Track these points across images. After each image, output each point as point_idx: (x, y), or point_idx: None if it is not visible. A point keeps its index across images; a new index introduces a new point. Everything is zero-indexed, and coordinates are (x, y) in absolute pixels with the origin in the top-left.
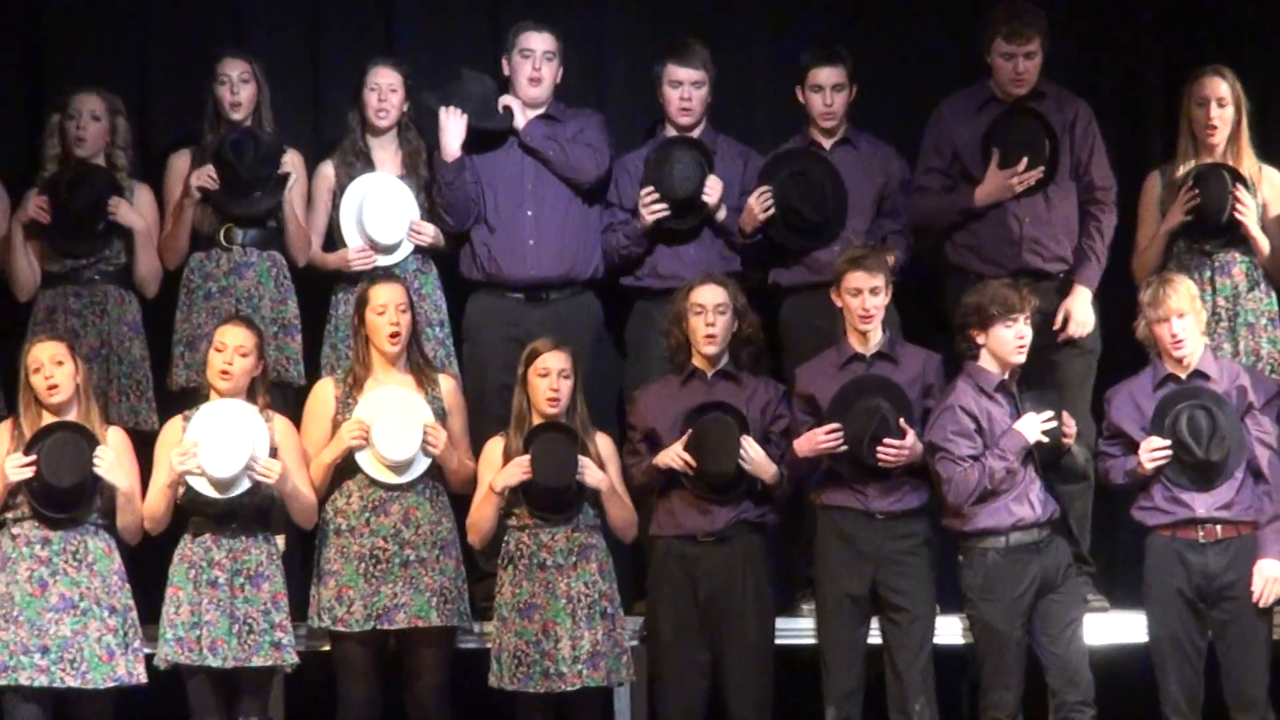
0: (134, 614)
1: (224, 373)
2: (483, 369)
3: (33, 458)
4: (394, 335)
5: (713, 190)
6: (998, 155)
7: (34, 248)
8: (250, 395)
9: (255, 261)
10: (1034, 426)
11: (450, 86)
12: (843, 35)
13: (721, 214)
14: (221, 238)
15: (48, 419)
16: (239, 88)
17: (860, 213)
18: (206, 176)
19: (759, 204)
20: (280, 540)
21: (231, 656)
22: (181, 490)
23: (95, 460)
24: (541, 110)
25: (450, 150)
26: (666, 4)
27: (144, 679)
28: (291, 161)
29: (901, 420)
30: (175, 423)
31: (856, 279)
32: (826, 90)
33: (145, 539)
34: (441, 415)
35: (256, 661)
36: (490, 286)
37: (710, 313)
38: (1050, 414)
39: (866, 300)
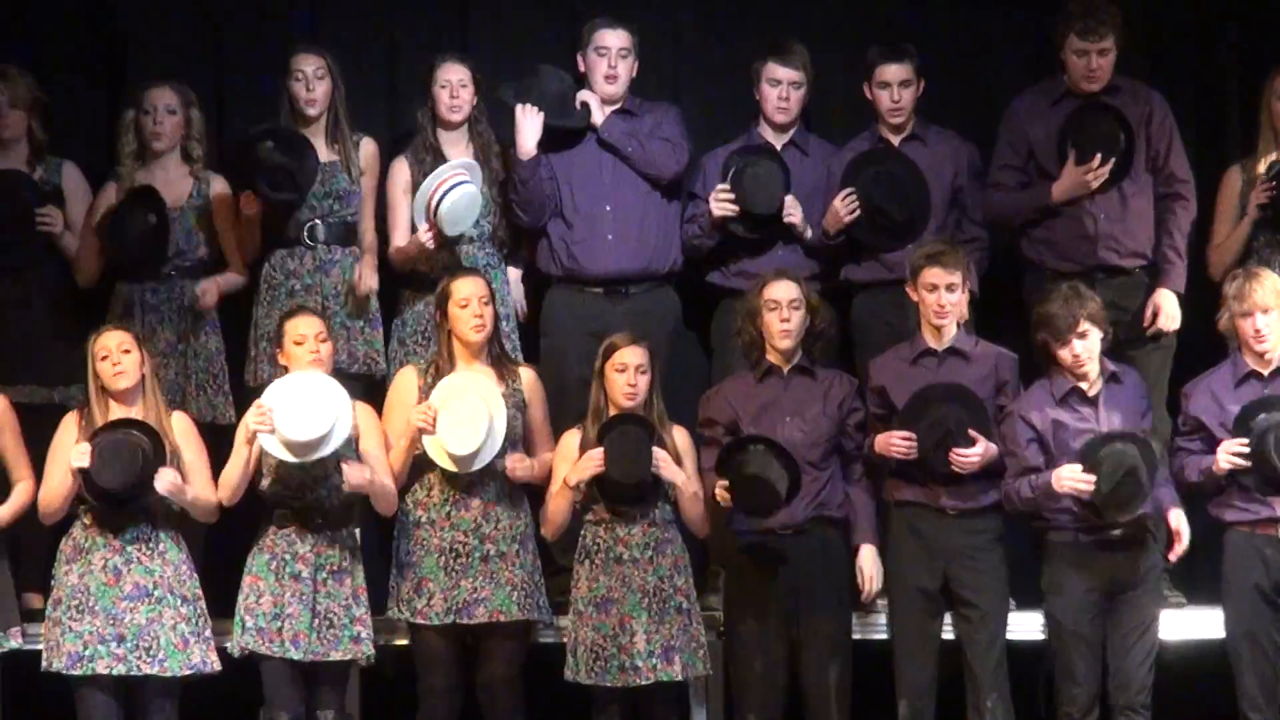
0: (203, 603)
1: (316, 361)
2: (561, 363)
3: (88, 449)
4: (478, 327)
5: (794, 212)
6: (1074, 152)
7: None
8: None
9: (339, 258)
10: (1071, 480)
11: (527, 83)
12: (910, 28)
13: (808, 234)
14: (305, 236)
15: (115, 409)
16: (314, 84)
17: (933, 207)
18: (252, 202)
19: (844, 207)
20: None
21: (310, 650)
22: (266, 482)
23: (156, 480)
24: (618, 105)
25: (526, 148)
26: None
27: (218, 667)
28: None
29: (972, 430)
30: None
31: (933, 275)
32: (894, 87)
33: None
34: (522, 407)
35: (335, 656)
36: (568, 281)
37: (785, 308)
38: (1089, 480)
39: (942, 296)
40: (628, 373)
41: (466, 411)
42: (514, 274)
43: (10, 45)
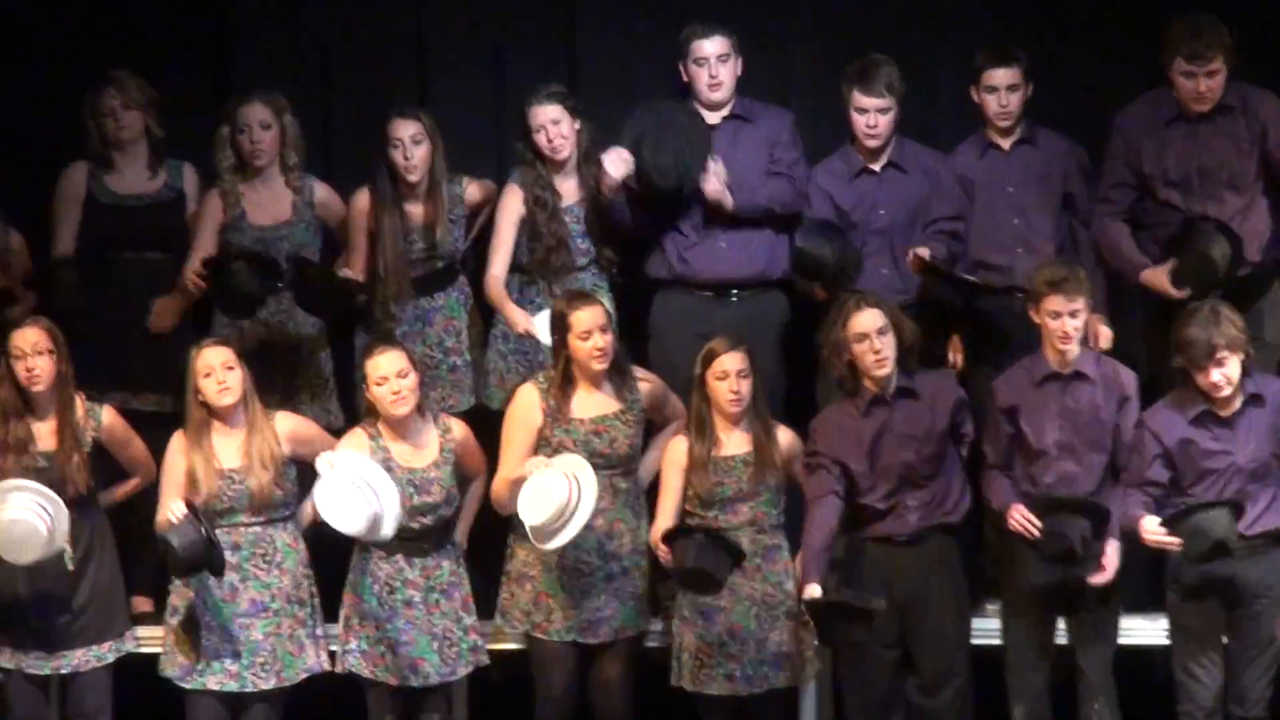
0: (317, 599)
1: (399, 401)
2: (670, 366)
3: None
4: (600, 358)
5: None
6: (1173, 263)
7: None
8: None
9: (442, 305)
10: (1149, 531)
11: (660, 142)
12: (1018, 29)
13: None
14: (409, 289)
15: (218, 426)
16: (412, 150)
17: (1045, 211)
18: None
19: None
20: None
21: (435, 673)
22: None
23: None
24: (727, 111)
25: (611, 184)
26: (851, 5)
27: (329, 666)
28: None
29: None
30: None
31: (1055, 303)
32: (1001, 91)
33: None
34: (641, 419)
35: (460, 673)
36: (678, 284)
37: (874, 338)
38: (1163, 535)
39: (1066, 323)
40: (729, 379)
41: (552, 495)
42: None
43: (118, 47)
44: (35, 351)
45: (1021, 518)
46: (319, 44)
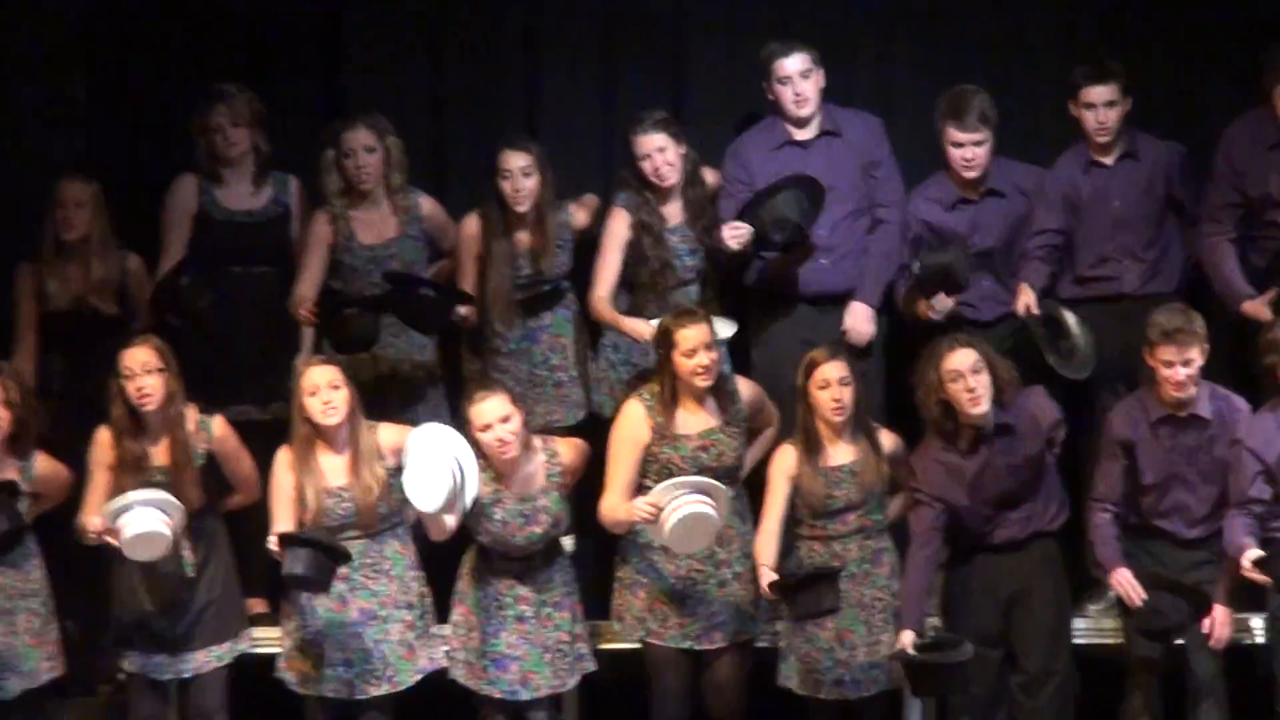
0: (429, 598)
1: (504, 447)
2: (776, 374)
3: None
4: (704, 376)
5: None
6: (1273, 292)
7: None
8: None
9: (549, 324)
10: (1246, 568)
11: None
12: (1121, 41)
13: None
14: (516, 313)
15: (324, 446)
16: (521, 182)
17: (1151, 220)
18: None
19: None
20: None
21: (546, 685)
22: (486, 539)
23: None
24: (816, 128)
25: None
26: (951, 18)
27: (444, 662)
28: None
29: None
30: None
31: (1168, 353)
32: (1099, 108)
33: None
34: (743, 425)
35: (570, 684)
36: (780, 296)
37: (968, 377)
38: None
39: (1179, 372)
40: (831, 388)
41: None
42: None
43: (231, 63)
44: (145, 371)
45: (1126, 585)
46: (429, 63)
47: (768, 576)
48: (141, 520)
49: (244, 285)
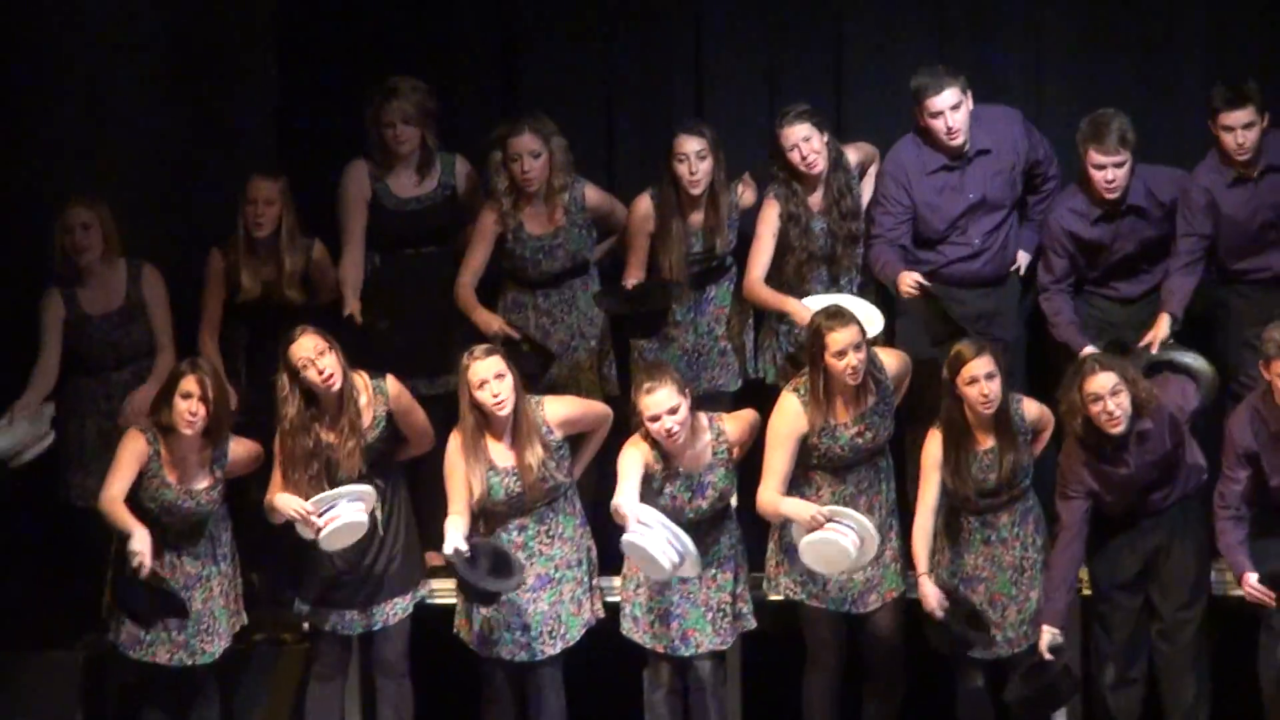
0: (594, 551)
1: (672, 436)
2: (916, 343)
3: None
4: (853, 375)
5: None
6: None
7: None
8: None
9: (714, 296)
10: (1252, 592)
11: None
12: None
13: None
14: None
15: (491, 434)
16: (696, 165)
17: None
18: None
19: None
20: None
21: (707, 643)
22: None
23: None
24: (969, 152)
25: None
26: (1100, 27)
27: (603, 614)
28: None
29: None
30: None
31: None
32: (1237, 130)
33: None
34: (893, 398)
35: (730, 641)
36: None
37: (1108, 399)
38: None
39: None
40: (979, 384)
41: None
42: None
43: (412, 49)
44: (319, 354)
45: (1256, 591)
46: (601, 52)
47: (933, 594)
48: (346, 512)
49: (413, 266)
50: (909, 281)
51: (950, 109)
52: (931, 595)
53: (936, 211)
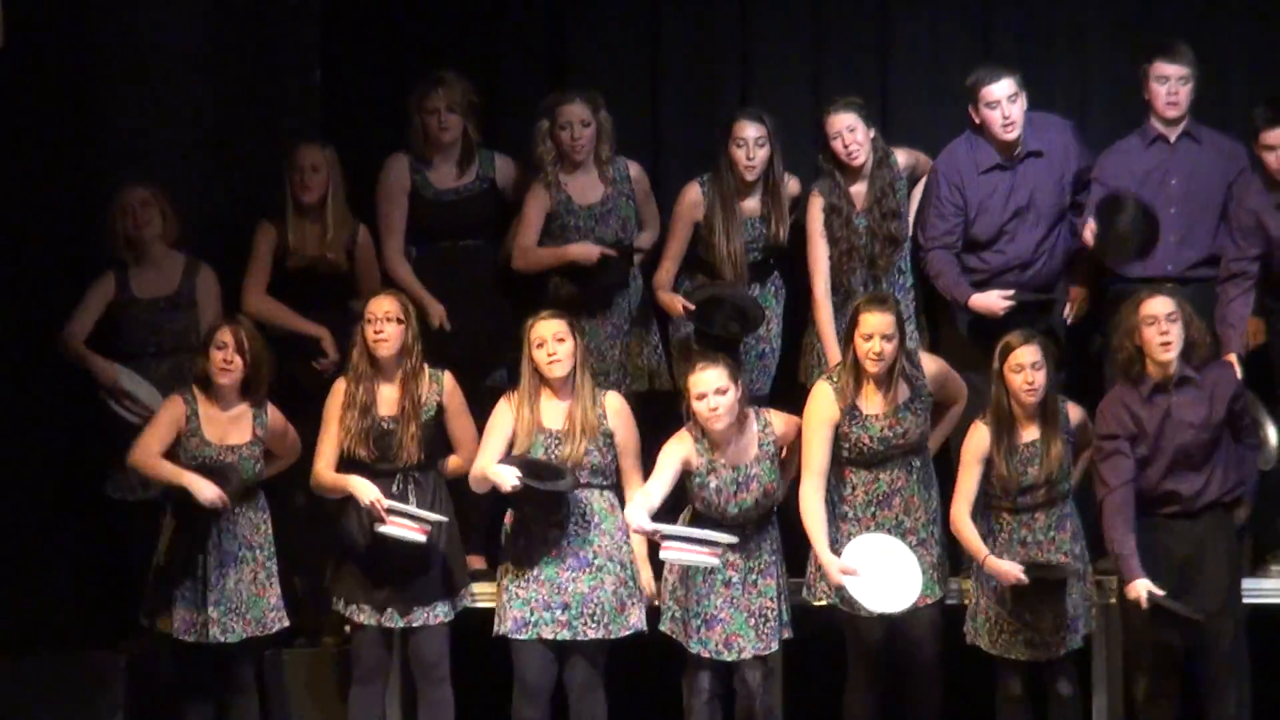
0: (639, 567)
1: (714, 416)
2: (964, 353)
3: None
4: (875, 360)
5: None
6: None
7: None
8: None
9: (757, 294)
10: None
11: None
12: None
13: None
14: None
15: (545, 395)
16: (755, 151)
17: None
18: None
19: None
20: None
21: (750, 648)
22: (698, 503)
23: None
24: (1021, 153)
25: None
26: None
27: (645, 626)
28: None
29: None
30: None
31: None
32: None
33: None
34: (928, 399)
35: (774, 647)
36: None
37: (1163, 322)
38: None
39: None
40: (1025, 372)
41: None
42: None
43: (460, 37)
44: (386, 318)
45: None
46: (648, 43)
47: (1010, 567)
48: (408, 533)
49: (450, 258)
50: (1000, 306)
51: (1007, 99)
52: (1010, 568)
53: (987, 213)
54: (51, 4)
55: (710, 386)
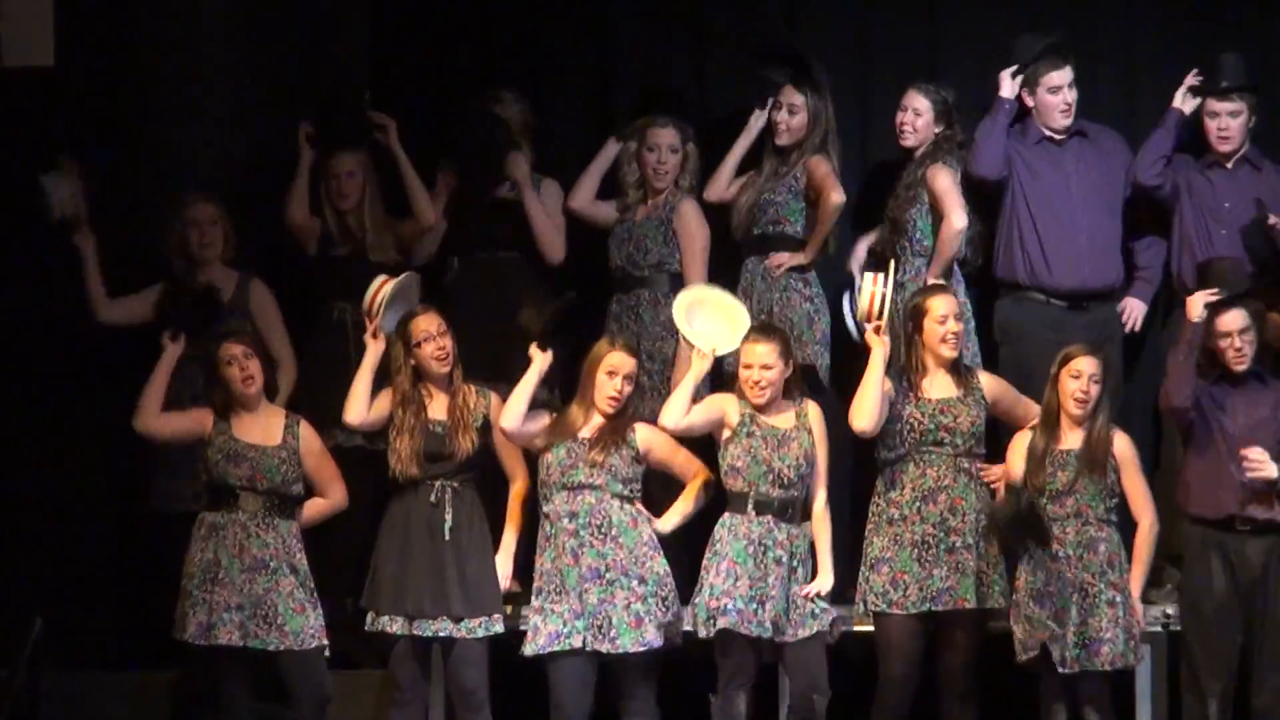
0: (670, 579)
1: (758, 390)
2: (1027, 372)
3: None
4: (951, 342)
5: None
6: None
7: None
8: None
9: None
10: None
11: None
12: None
13: None
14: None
15: (592, 415)
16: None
17: None
18: None
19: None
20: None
21: (788, 631)
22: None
23: None
24: (1069, 132)
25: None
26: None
27: (660, 643)
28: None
29: None
30: None
31: None
32: None
33: None
34: (982, 400)
35: (802, 634)
36: (1033, 290)
37: (1236, 336)
38: None
39: None
40: (1082, 380)
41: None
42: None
43: (509, 67)
44: (440, 333)
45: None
46: (692, 55)
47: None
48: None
49: (488, 270)
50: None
51: (1068, 85)
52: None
53: (1039, 179)
54: (100, 21)
55: (759, 360)
